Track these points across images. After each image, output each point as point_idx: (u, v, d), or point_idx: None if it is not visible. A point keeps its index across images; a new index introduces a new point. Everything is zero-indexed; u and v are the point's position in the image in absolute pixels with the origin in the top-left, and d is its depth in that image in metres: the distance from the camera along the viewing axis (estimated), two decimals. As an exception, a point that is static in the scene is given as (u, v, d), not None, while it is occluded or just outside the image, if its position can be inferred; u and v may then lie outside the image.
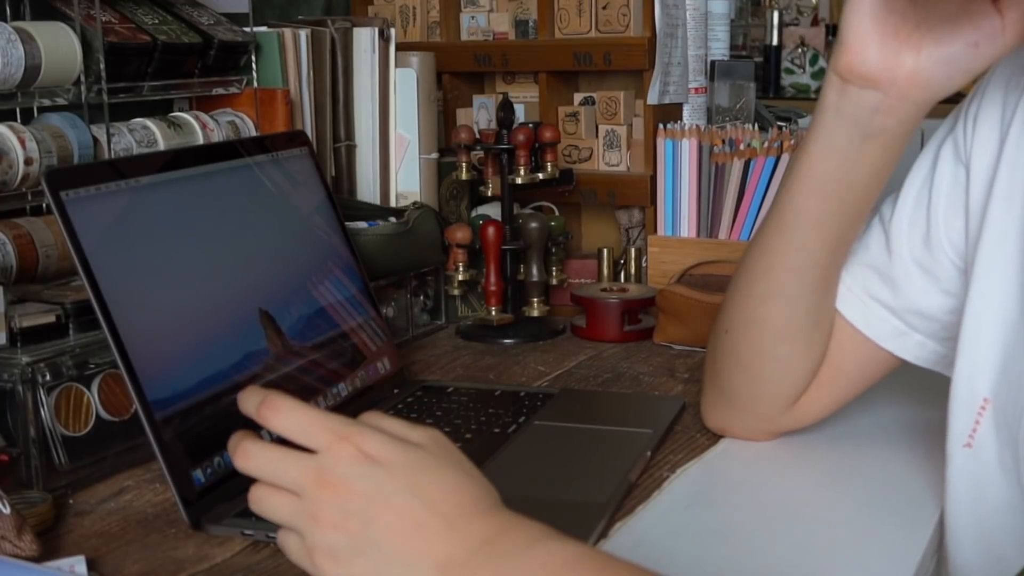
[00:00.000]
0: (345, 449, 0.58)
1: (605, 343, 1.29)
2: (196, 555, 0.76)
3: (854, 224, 0.85)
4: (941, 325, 0.86)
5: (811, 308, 0.87)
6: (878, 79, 0.75)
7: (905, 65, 0.74)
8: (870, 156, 0.80)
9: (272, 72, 1.26)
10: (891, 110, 0.76)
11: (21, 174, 0.99)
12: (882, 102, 0.76)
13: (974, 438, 0.78)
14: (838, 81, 0.77)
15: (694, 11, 1.48)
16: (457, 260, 1.32)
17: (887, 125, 0.77)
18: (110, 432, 0.90)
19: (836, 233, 0.84)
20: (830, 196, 0.82)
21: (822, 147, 0.81)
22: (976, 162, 0.81)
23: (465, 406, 1.03)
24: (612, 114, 1.47)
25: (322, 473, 0.58)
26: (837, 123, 0.79)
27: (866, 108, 0.77)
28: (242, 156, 0.99)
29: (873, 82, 0.75)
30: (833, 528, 0.82)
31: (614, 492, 0.84)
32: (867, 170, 0.80)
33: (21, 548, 0.72)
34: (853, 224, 0.85)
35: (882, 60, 0.74)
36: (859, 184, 0.81)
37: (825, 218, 0.83)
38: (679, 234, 1.38)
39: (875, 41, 0.74)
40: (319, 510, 0.57)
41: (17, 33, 0.99)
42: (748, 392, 0.93)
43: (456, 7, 1.56)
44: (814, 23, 3.61)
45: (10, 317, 0.87)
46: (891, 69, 0.74)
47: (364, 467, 0.57)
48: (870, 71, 0.75)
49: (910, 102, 0.76)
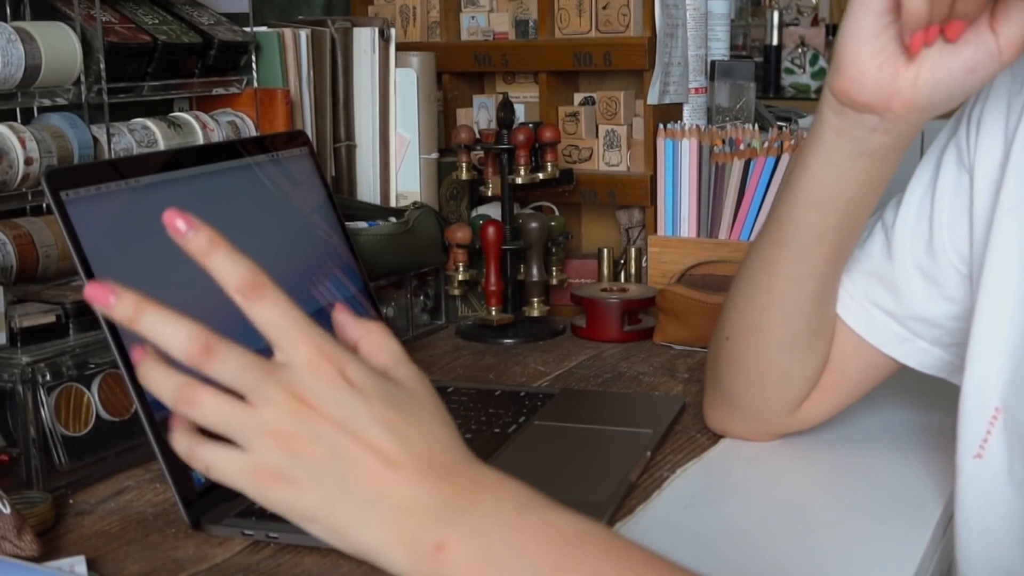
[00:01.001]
0: (325, 369, 0.52)
1: (605, 343, 1.29)
2: (196, 555, 0.76)
3: (854, 233, 0.85)
4: (945, 331, 0.85)
5: (812, 317, 0.87)
6: (875, 106, 0.74)
7: (903, 92, 0.73)
8: (868, 171, 0.79)
9: (272, 72, 1.26)
10: (889, 130, 0.76)
11: (21, 174, 0.99)
12: (879, 124, 0.75)
13: (985, 448, 0.77)
14: (835, 102, 0.76)
15: (694, 11, 1.48)
16: (457, 260, 1.32)
17: (885, 142, 0.77)
18: (110, 432, 0.90)
19: (836, 244, 0.84)
20: (829, 211, 0.81)
21: (820, 163, 0.80)
22: (980, 168, 0.80)
23: (465, 406, 1.03)
24: (612, 114, 1.47)
25: (296, 388, 0.52)
26: (835, 141, 0.78)
27: (863, 128, 0.76)
28: (242, 156, 0.99)
29: (870, 109, 0.74)
30: (833, 528, 0.82)
31: (614, 492, 0.84)
32: (865, 184, 0.80)
33: (21, 548, 0.72)
34: (853, 234, 0.84)
35: (879, 87, 0.73)
36: (857, 198, 0.81)
37: (825, 231, 0.83)
38: (679, 234, 1.38)
39: (872, 68, 0.72)
40: (283, 426, 0.51)
41: (17, 33, 0.99)
42: (750, 398, 0.93)
43: (456, 7, 1.56)
44: (814, 23, 3.61)
45: (10, 317, 0.87)
46: (888, 97, 0.73)
47: (342, 392, 0.52)
48: (867, 100, 0.74)
49: (907, 123, 0.75)
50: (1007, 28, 0.69)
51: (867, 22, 0.71)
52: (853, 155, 0.78)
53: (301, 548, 0.77)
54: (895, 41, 0.71)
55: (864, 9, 0.71)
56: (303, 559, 0.75)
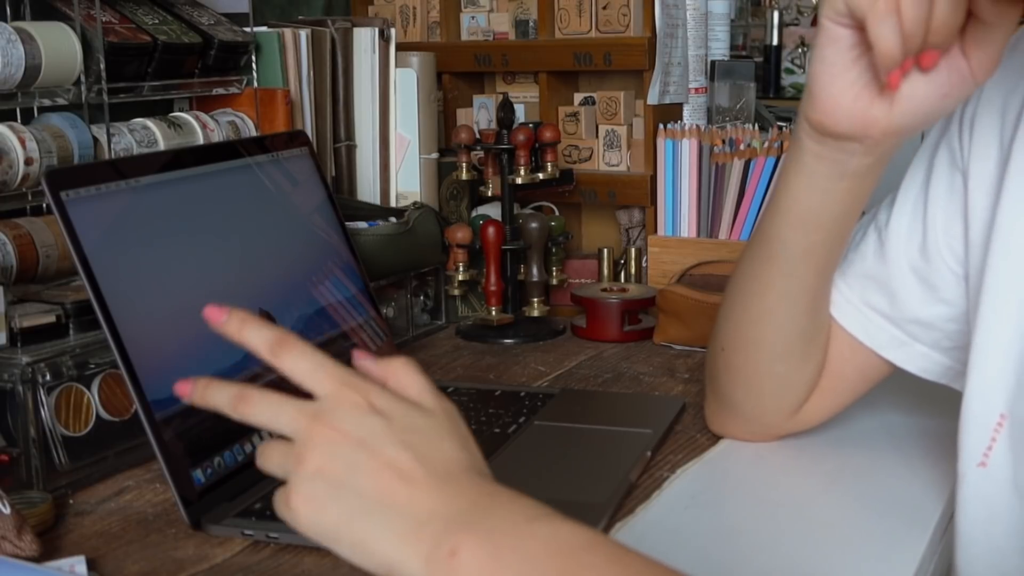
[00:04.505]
0: (349, 396, 0.56)
1: (605, 343, 1.29)
2: (196, 555, 0.76)
3: (841, 246, 0.84)
4: (943, 334, 0.85)
5: (805, 327, 0.87)
6: (852, 135, 0.74)
7: (879, 121, 0.72)
8: (851, 189, 0.79)
9: (272, 72, 1.26)
10: (868, 152, 0.75)
11: (21, 174, 0.99)
12: (858, 148, 0.75)
13: (989, 457, 0.76)
14: (812, 131, 0.76)
15: (694, 11, 1.48)
16: (457, 260, 1.32)
17: (865, 163, 0.77)
18: (110, 432, 0.90)
19: (824, 258, 0.84)
20: (813, 228, 0.81)
21: (803, 185, 0.80)
22: (975, 168, 0.80)
23: (465, 406, 1.03)
24: (612, 114, 1.47)
25: (319, 415, 0.55)
26: (815, 164, 0.78)
27: (843, 152, 0.76)
28: (242, 156, 0.99)
29: (847, 137, 0.74)
30: (833, 528, 0.82)
31: (614, 492, 0.84)
32: (850, 201, 0.80)
33: (21, 548, 0.72)
34: (840, 246, 0.84)
35: (854, 118, 0.72)
36: (843, 214, 0.81)
37: (811, 247, 0.82)
38: (679, 234, 1.38)
39: (846, 100, 0.72)
40: (305, 450, 0.55)
41: (17, 33, 0.99)
42: (749, 405, 0.93)
43: (456, 7, 1.56)
44: (814, 23, 3.61)
45: (10, 317, 0.87)
46: (864, 126, 0.73)
47: (364, 415, 0.55)
48: (844, 130, 0.74)
49: (886, 145, 0.75)
50: (979, 52, 0.68)
51: (838, 57, 0.71)
52: (835, 176, 0.78)
53: (301, 548, 0.76)
54: (868, 71, 0.71)
55: (834, 45, 0.71)
56: (303, 559, 0.75)
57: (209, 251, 0.90)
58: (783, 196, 0.82)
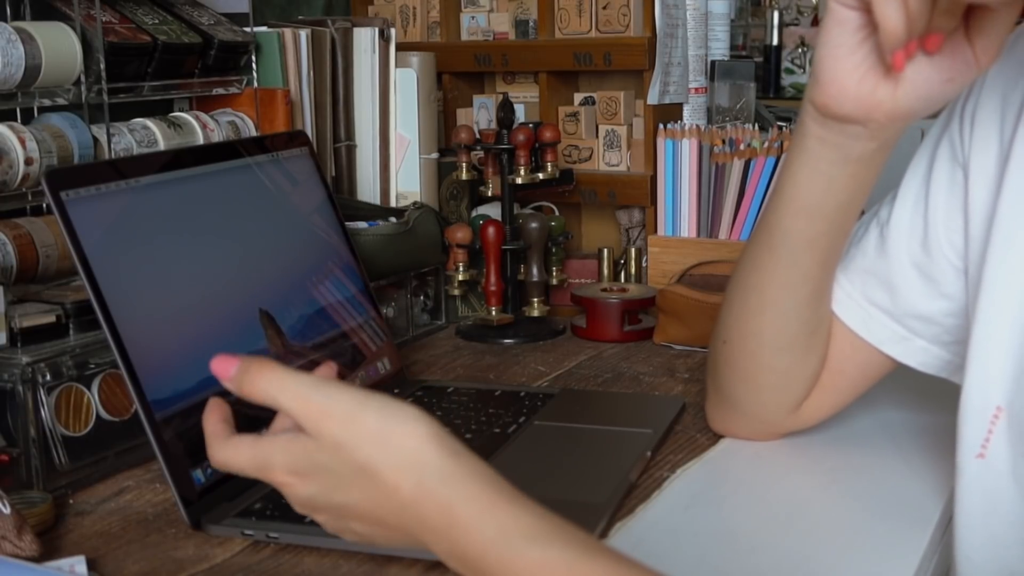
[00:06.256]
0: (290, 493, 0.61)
1: (605, 343, 1.29)
2: (196, 555, 0.76)
3: (844, 237, 0.85)
4: (944, 329, 0.85)
5: (807, 319, 0.87)
6: (856, 117, 0.74)
7: (883, 104, 0.72)
8: (855, 175, 0.79)
9: (272, 72, 1.26)
10: (873, 136, 0.76)
11: (21, 174, 0.99)
12: (863, 132, 0.75)
13: (987, 448, 0.76)
14: (816, 114, 0.76)
15: (694, 11, 1.48)
16: (457, 260, 1.32)
17: (869, 148, 0.77)
18: (110, 432, 0.90)
19: (827, 249, 0.84)
20: (818, 217, 0.82)
21: (807, 172, 0.80)
22: (976, 163, 0.80)
23: (465, 406, 1.03)
24: (612, 114, 1.47)
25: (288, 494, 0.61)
26: (819, 149, 0.78)
27: (847, 136, 0.76)
28: (242, 156, 0.99)
29: (852, 120, 0.75)
30: (833, 528, 0.82)
31: (614, 492, 0.84)
32: (854, 188, 0.80)
33: (21, 548, 0.72)
34: (843, 237, 0.84)
35: (859, 100, 0.73)
36: (846, 202, 0.81)
37: (815, 237, 0.83)
38: (679, 234, 1.38)
39: (851, 82, 0.72)
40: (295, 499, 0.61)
41: (17, 33, 0.99)
42: (750, 400, 0.93)
43: (456, 7, 1.56)
44: (814, 23, 3.61)
45: (10, 317, 0.87)
46: (869, 108, 0.73)
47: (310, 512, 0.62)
48: (848, 112, 0.74)
49: (891, 129, 0.75)
50: (982, 38, 0.69)
51: (844, 39, 0.71)
52: (839, 162, 0.78)
53: (301, 548, 0.77)
54: (873, 54, 0.71)
55: (840, 27, 0.71)
56: (303, 559, 0.75)
57: (209, 251, 0.90)
58: (787, 184, 0.82)
